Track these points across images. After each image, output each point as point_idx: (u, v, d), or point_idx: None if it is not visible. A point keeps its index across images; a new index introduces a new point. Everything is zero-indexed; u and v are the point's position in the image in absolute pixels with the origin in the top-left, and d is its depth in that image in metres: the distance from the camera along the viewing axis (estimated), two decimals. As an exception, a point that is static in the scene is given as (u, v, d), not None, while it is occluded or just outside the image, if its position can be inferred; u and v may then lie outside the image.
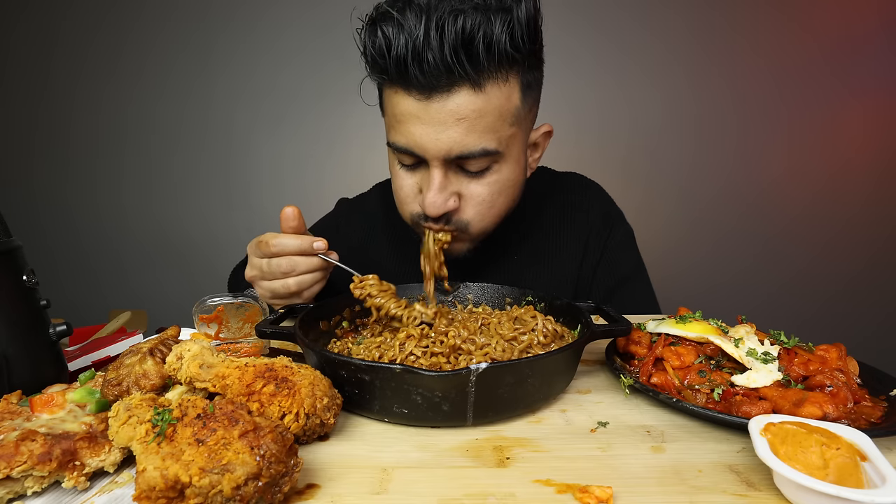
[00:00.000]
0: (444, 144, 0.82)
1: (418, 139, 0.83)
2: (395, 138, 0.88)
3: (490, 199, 0.91)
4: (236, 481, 0.39)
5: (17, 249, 0.61)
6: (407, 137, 0.85)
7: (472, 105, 0.80)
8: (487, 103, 0.81)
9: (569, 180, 1.26)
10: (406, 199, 0.95)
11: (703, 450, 0.52)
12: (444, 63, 0.76)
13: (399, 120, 0.85)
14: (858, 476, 0.42)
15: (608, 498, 0.43)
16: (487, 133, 0.83)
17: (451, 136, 0.82)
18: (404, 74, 0.79)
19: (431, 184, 0.86)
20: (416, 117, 0.82)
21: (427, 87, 0.79)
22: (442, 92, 0.79)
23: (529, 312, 0.74)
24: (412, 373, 0.53)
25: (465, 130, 0.81)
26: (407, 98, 0.82)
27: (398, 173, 0.94)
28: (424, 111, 0.81)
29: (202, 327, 0.79)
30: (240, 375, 0.54)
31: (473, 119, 0.81)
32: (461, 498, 0.44)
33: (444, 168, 0.86)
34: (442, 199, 0.87)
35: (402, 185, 0.94)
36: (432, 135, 0.82)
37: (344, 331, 0.83)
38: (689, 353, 0.67)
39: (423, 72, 0.77)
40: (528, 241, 1.17)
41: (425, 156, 0.85)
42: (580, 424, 0.58)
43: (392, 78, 0.81)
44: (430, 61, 0.76)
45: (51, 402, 0.53)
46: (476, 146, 0.83)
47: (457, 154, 0.83)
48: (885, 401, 0.58)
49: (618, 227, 1.20)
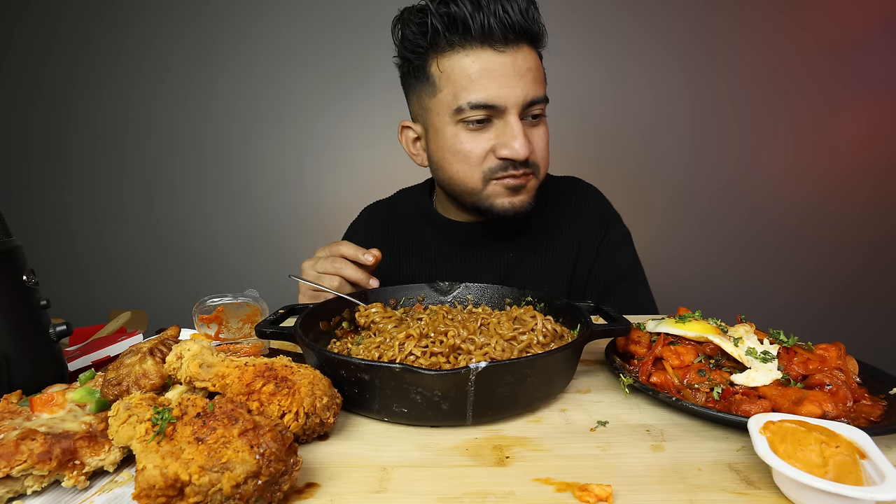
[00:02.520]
0: (522, 91, 0.96)
1: (499, 90, 0.95)
2: (470, 97, 0.97)
3: (546, 145, 1.05)
4: (236, 480, 0.39)
5: (17, 249, 0.61)
6: (487, 91, 0.96)
7: (533, 58, 0.99)
8: (536, 60, 1.01)
9: (566, 183, 1.28)
10: (478, 160, 1.02)
11: (703, 448, 0.52)
12: (518, 22, 0.94)
13: (474, 78, 0.96)
14: (858, 474, 0.42)
15: (608, 496, 0.43)
16: (542, 83, 1.01)
17: (527, 83, 0.97)
18: (489, 30, 0.93)
19: (515, 130, 0.97)
20: (496, 70, 0.95)
21: (504, 41, 0.95)
22: (516, 45, 0.96)
23: (529, 312, 0.74)
24: (412, 372, 0.53)
25: (532, 79, 0.98)
26: (486, 53, 0.95)
27: (464, 138, 1.01)
28: (502, 63, 0.95)
29: (202, 327, 0.79)
30: (239, 375, 0.54)
31: (535, 70, 0.99)
32: (461, 497, 0.44)
33: (518, 117, 0.98)
34: (527, 142, 0.98)
35: (472, 147, 1.01)
36: (511, 83, 0.95)
37: (344, 331, 0.83)
38: (689, 353, 0.67)
39: (504, 26, 0.93)
40: (523, 239, 1.19)
41: (506, 104, 0.96)
42: (580, 423, 0.58)
43: (476, 35, 0.94)
44: (508, 19, 0.93)
45: (51, 402, 0.53)
46: (541, 92, 1.00)
47: (531, 98, 0.98)
48: (885, 399, 0.58)
49: (614, 228, 1.21)
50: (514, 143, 0.96)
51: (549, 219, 1.20)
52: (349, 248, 0.97)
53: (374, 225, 1.31)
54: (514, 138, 0.97)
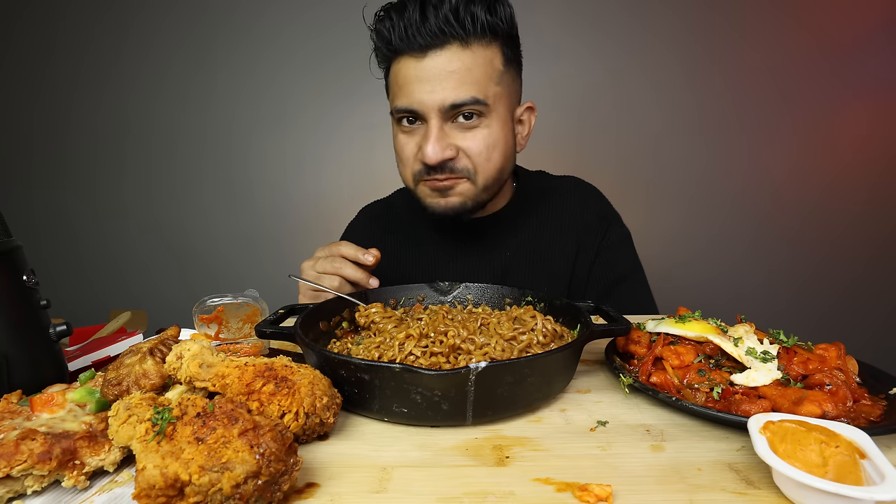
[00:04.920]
0: (439, 95, 0.96)
1: (417, 95, 0.97)
2: (396, 102, 1.01)
3: (485, 152, 1.02)
4: (236, 479, 0.39)
5: (17, 249, 0.61)
6: (408, 97, 0.98)
7: (461, 59, 0.95)
8: (473, 60, 0.96)
9: (566, 182, 1.28)
10: (408, 161, 1.05)
11: (703, 448, 0.52)
12: (438, 26, 0.93)
13: (400, 85, 0.99)
14: (857, 474, 0.42)
15: (608, 496, 0.43)
16: (476, 85, 0.97)
17: (446, 87, 0.95)
18: (405, 39, 0.95)
19: (429, 134, 0.98)
20: (415, 77, 0.96)
21: (424, 46, 0.95)
22: (436, 49, 0.95)
23: (529, 312, 0.74)
24: (412, 372, 0.53)
25: (456, 82, 0.96)
26: (408, 62, 0.97)
27: (399, 140, 1.06)
28: (422, 69, 0.96)
29: (202, 327, 0.79)
30: (239, 375, 0.54)
31: (463, 72, 0.96)
32: (461, 497, 0.44)
33: (440, 121, 0.98)
34: (440, 147, 0.98)
35: (404, 147, 1.05)
36: (428, 89, 0.96)
37: (344, 331, 0.83)
38: (689, 353, 0.67)
39: (420, 34, 0.93)
40: (521, 237, 1.19)
41: (423, 109, 0.97)
42: (580, 423, 0.58)
43: (397, 46, 0.97)
44: (426, 26, 0.93)
45: (51, 402, 0.53)
46: (466, 95, 0.96)
47: (450, 103, 0.96)
48: (885, 399, 0.58)
49: (614, 228, 1.21)
50: (427, 148, 0.98)
51: (548, 218, 1.20)
52: (349, 247, 0.98)
53: (373, 225, 1.31)
54: (426, 143, 0.98)
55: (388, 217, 1.30)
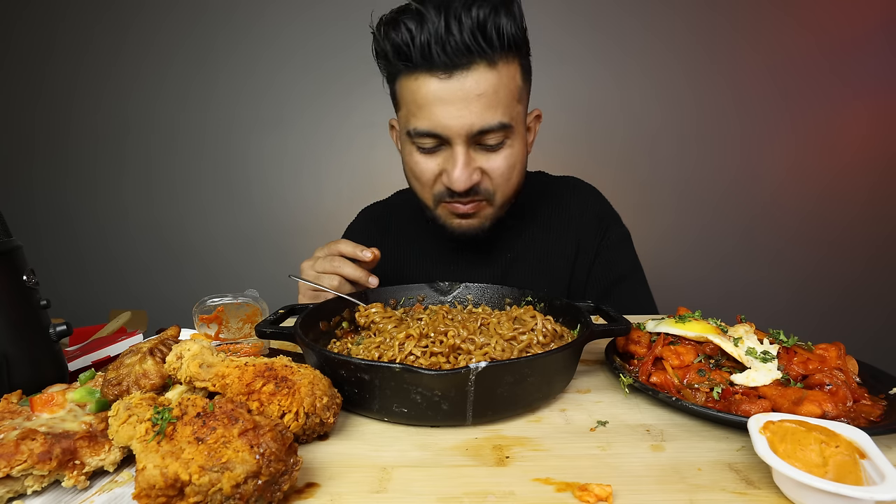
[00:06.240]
0: (467, 121, 0.90)
1: (442, 119, 0.90)
2: (416, 123, 0.94)
3: (507, 172, 0.99)
4: (236, 479, 0.39)
5: (17, 249, 0.61)
6: (431, 120, 0.91)
7: (488, 81, 0.89)
8: (500, 80, 0.90)
9: (565, 183, 1.28)
10: (427, 183, 1.01)
11: (703, 448, 0.52)
12: (465, 43, 0.85)
13: (420, 105, 0.92)
14: (857, 474, 0.42)
15: (607, 496, 0.43)
16: (502, 108, 0.91)
17: (473, 112, 0.89)
18: (428, 57, 0.87)
19: (457, 161, 0.93)
20: (439, 98, 0.89)
21: (450, 65, 0.87)
22: (462, 69, 0.88)
23: (529, 312, 0.74)
24: (412, 372, 0.53)
25: (483, 107, 0.89)
26: (430, 80, 0.89)
27: (417, 159, 1.00)
28: (447, 90, 0.88)
29: (202, 327, 0.79)
30: (239, 375, 0.54)
31: (490, 95, 0.89)
32: (461, 497, 0.44)
33: (466, 146, 0.93)
34: (467, 175, 0.94)
35: (424, 169, 0.99)
36: (455, 113, 0.89)
37: (344, 331, 0.83)
38: (689, 353, 0.67)
39: (446, 52, 0.86)
40: (522, 239, 1.19)
41: (449, 134, 0.92)
42: (580, 423, 0.58)
43: (416, 63, 0.89)
44: (451, 43, 0.85)
45: (51, 402, 0.53)
46: (494, 120, 0.91)
47: (479, 129, 0.91)
48: (885, 399, 0.58)
49: (613, 229, 1.21)
50: (454, 174, 0.94)
51: (547, 219, 1.20)
52: (347, 245, 0.97)
53: (372, 226, 1.31)
54: (454, 169, 0.94)
55: (387, 218, 1.30)
